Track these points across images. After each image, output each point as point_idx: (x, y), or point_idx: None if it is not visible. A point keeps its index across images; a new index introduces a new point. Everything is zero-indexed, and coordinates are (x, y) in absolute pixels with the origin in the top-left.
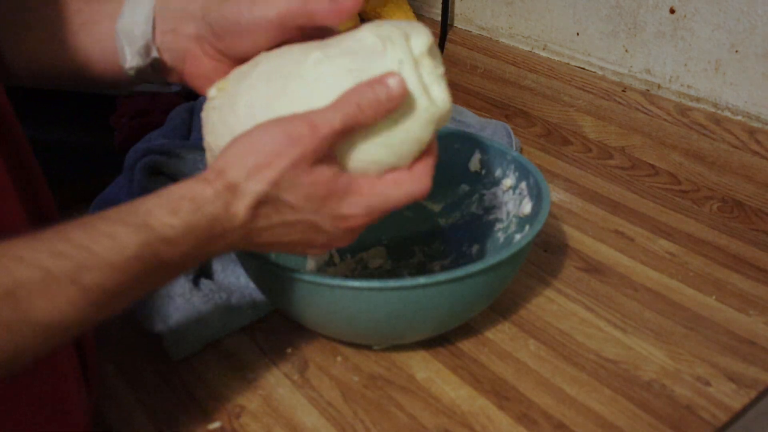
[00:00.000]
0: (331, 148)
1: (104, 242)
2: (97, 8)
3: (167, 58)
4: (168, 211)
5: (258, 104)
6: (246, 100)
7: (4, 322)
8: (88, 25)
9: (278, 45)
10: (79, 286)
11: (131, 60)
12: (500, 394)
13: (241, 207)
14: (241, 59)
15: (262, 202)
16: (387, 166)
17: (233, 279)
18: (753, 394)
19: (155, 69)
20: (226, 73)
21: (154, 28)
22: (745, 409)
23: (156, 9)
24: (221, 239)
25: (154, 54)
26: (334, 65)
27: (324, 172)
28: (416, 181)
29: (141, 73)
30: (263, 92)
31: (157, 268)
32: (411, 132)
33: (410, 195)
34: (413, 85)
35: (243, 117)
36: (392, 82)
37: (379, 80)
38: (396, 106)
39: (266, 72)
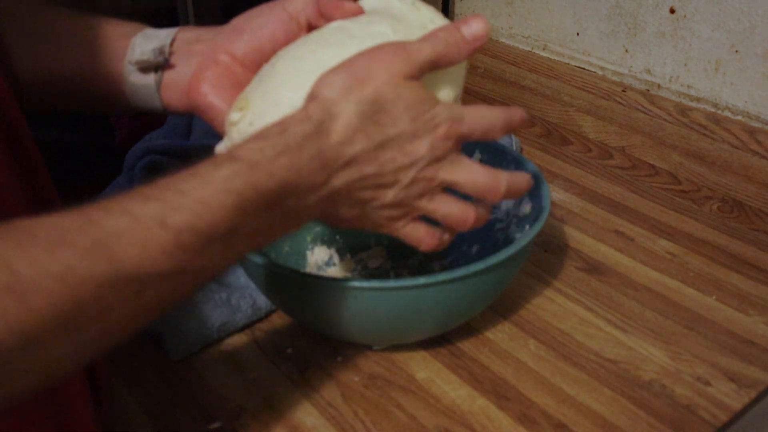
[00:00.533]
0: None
1: (190, 180)
2: (113, 27)
3: (177, 69)
4: (254, 139)
5: (302, 74)
6: (285, 87)
7: (95, 275)
8: (100, 39)
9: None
10: (169, 229)
11: (141, 54)
12: (500, 394)
13: (338, 125)
14: (251, 60)
15: (363, 118)
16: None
17: (233, 279)
18: (753, 394)
19: (159, 68)
20: (227, 83)
21: (172, 43)
22: (745, 409)
23: (177, 32)
24: (320, 162)
25: (166, 55)
26: (364, 25)
27: (418, 83)
28: (493, 111)
29: (145, 69)
30: (301, 68)
31: (253, 201)
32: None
33: (490, 120)
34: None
35: (288, 88)
36: (476, 22)
37: (465, 21)
38: (480, 45)
39: (291, 58)
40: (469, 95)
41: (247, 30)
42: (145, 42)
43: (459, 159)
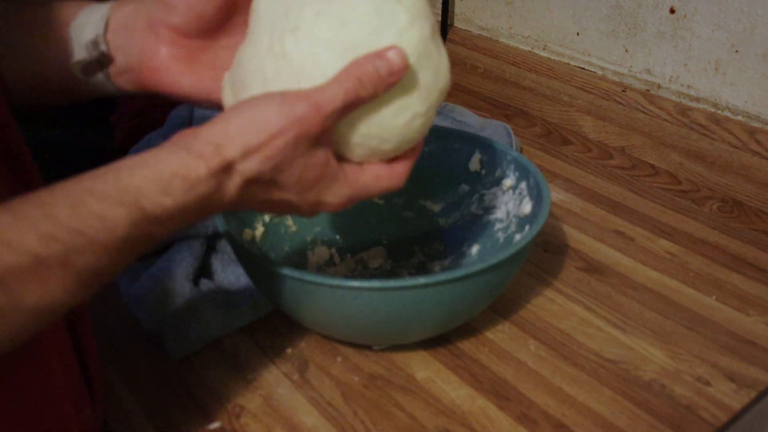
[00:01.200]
0: (331, 127)
1: (94, 223)
2: (55, 13)
3: (121, 58)
4: (160, 190)
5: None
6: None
7: None
8: (44, 28)
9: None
10: (70, 269)
11: (78, 53)
12: (500, 394)
13: (232, 186)
14: (196, 29)
15: (254, 182)
16: (380, 152)
17: (233, 279)
18: (753, 394)
19: (103, 65)
20: (184, 56)
21: (107, 28)
22: (745, 409)
23: (111, 11)
24: (208, 213)
25: (102, 47)
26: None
27: (320, 156)
28: (395, 178)
29: (88, 70)
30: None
31: (146, 244)
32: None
33: (384, 191)
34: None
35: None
36: (392, 55)
37: (380, 54)
38: (397, 80)
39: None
40: (470, 95)
41: (181, 6)
42: (79, 32)
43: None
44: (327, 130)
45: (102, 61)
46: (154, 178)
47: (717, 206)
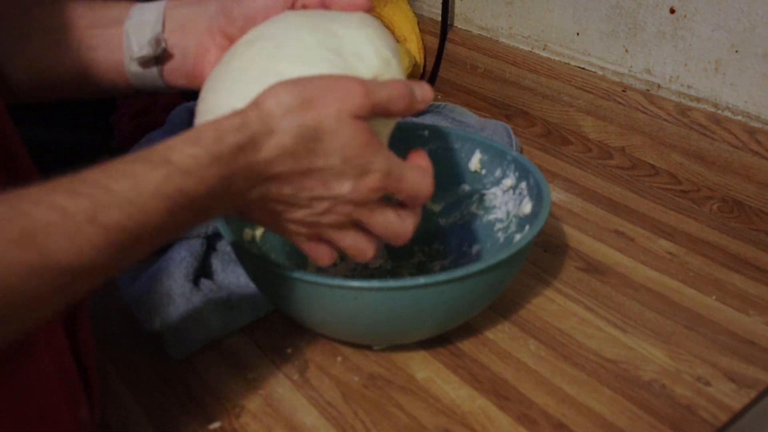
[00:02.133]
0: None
1: (122, 180)
2: (102, 13)
3: (177, 56)
4: (189, 143)
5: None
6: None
7: (23, 263)
8: (93, 29)
9: None
10: (98, 226)
11: (139, 50)
12: (500, 394)
13: (271, 142)
14: None
15: (298, 142)
16: None
17: (233, 279)
18: (753, 394)
19: (160, 60)
20: None
21: (163, 26)
22: (745, 409)
23: (166, 11)
24: (247, 175)
25: (163, 45)
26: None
27: (365, 125)
28: (428, 179)
29: (146, 64)
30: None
31: (182, 206)
32: None
33: (425, 189)
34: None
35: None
36: (427, 87)
37: (419, 84)
38: (421, 109)
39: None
40: (470, 95)
41: (242, 16)
42: (137, 32)
43: (378, 207)
44: (369, 115)
45: (161, 56)
46: (186, 135)
47: (717, 206)
